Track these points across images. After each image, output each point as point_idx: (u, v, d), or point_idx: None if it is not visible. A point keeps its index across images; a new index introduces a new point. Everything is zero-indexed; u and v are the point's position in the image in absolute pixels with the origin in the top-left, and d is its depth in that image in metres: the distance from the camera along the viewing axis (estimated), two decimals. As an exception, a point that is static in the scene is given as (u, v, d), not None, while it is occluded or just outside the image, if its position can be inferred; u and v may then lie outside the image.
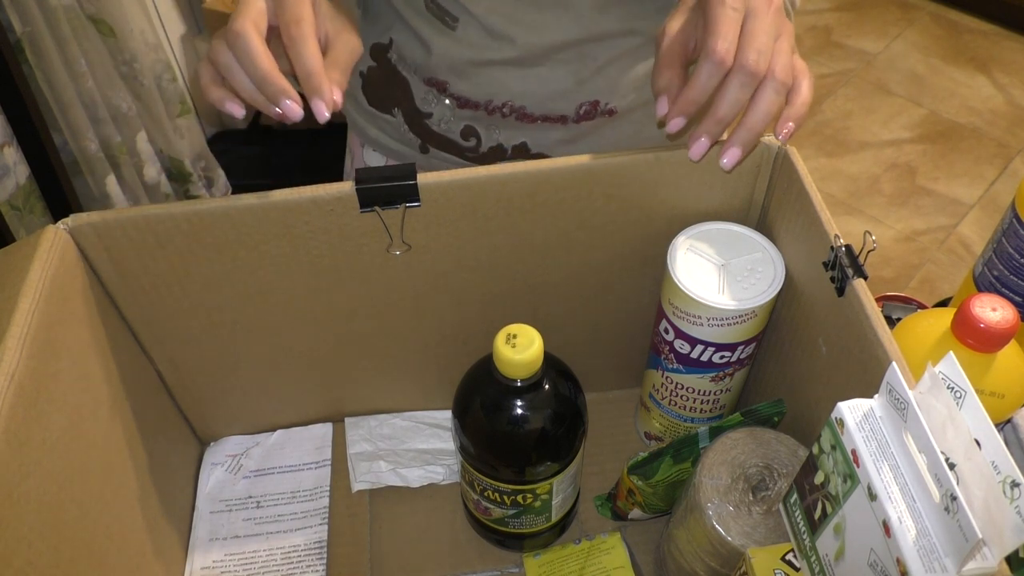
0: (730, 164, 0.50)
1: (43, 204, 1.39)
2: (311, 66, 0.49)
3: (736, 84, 0.47)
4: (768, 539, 0.50)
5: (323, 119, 0.49)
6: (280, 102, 0.49)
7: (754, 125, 0.49)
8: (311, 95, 0.49)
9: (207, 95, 0.51)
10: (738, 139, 0.49)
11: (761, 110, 0.48)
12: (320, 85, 0.49)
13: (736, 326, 0.54)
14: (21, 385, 0.45)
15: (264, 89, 0.49)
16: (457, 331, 0.64)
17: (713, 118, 0.48)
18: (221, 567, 0.65)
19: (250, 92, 0.49)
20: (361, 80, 0.76)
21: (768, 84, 0.48)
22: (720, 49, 0.46)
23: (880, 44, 2.28)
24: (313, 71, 0.49)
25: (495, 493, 0.58)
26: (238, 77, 0.49)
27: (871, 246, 0.47)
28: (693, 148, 0.50)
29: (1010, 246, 0.64)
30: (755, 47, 0.47)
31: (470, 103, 0.70)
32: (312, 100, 0.49)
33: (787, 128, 0.50)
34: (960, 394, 0.38)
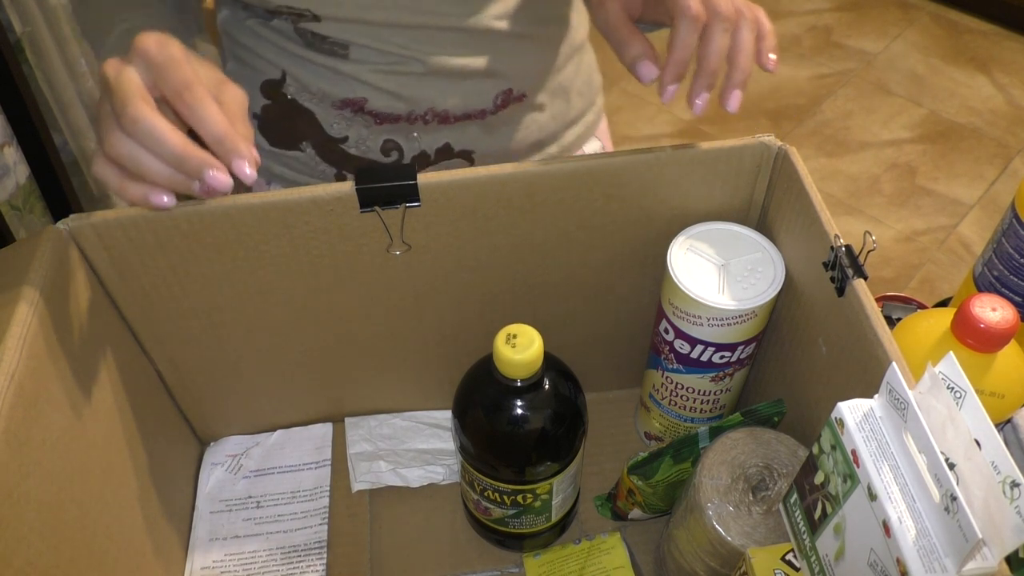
0: (737, 106, 0.51)
1: (43, 204, 1.39)
2: (219, 128, 0.45)
3: (717, 32, 0.49)
4: (768, 539, 0.50)
5: (251, 179, 0.46)
6: (205, 176, 0.45)
7: (744, 64, 0.51)
8: (229, 158, 0.45)
9: (125, 195, 0.46)
10: (736, 81, 0.51)
11: (746, 49, 0.50)
12: (236, 144, 0.45)
13: (736, 326, 0.54)
14: (21, 385, 0.45)
15: (185, 167, 0.44)
16: (457, 331, 0.64)
17: (706, 71, 0.50)
18: (221, 567, 0.65)
19: (167, 176, 0.45)
20: (257, 121, 0.73)
21: (742, 24, 0.50)
22: (692, 6, 0.48)
23: (880, 44, 2.28)
24: (224, 133, 0.45)
25: (495, 493, 0.58)
26: (149, 165, 0.45)
27: (871, 246, 0.47)
28: (696, 105, 0.51)
29: (1010, 246, 0.64)
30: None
31: (390, 117, 0.69)
32: (233, 163, 0.45)
33: (772, 59, 0.53)
34: (960, 394, 0.38)
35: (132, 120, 0.44)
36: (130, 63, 0.46)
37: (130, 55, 0.46)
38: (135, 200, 0.47)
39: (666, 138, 2.02)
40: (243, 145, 0.45)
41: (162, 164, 0.45)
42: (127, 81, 0.45)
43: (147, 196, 0.46)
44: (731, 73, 0.51)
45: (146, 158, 0.44)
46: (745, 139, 0.55)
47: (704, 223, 0.57)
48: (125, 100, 0.44)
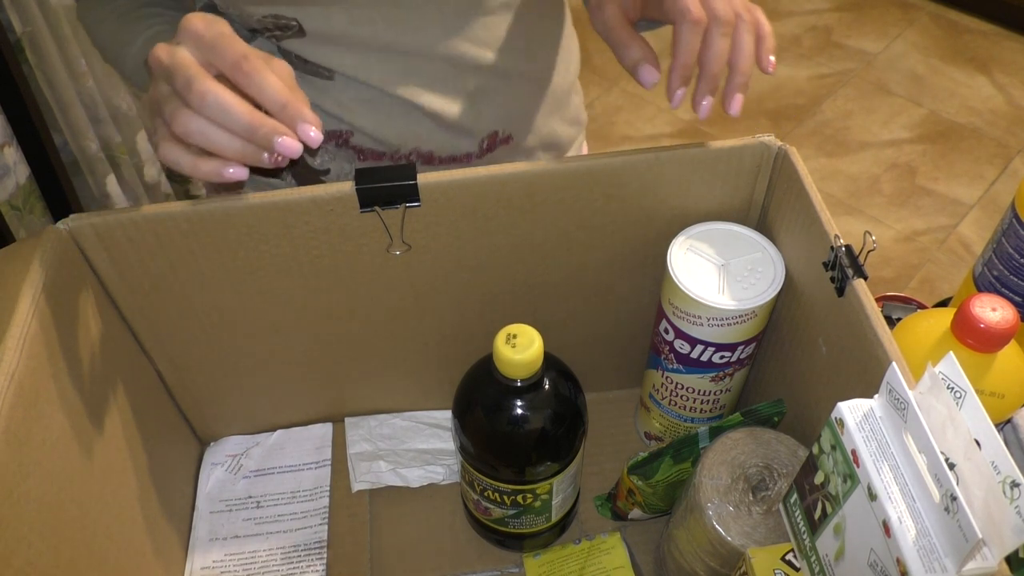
0: (738, 109, 0.51)
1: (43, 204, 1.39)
2: (281, 95, 0.46)
3: (716, 36, 0.49)
4: (768, 539, 0.50)
5: (317, 142, 0.46)
6: (275, 143, 0.45)
7: (744, 67, 0.51)
8: (294, 122, 0.46)
9: (198, 173, 0.47)
10: (736, 85, 0.51)
11: (745, 52, 0.51)
12: (300, 109, 0.46)
13: (736, 326, 0.54)
14: (21, 385, 0.45)
15: (255, 136, 0.45)
16: (457, 331, 0.64)
17: (708, 75, 0.50)
18: (221, 567, 0.65)
19: (238, 148, 0.46)
20: None
21: (741, 27, 0.50)
22: (692, 9, 0.48)
23: (880, 44, 2.28)
24: (286, 98, 0.46)
25: (495, 493, 0.58)
26: (219, 139, 0.45)
27: (871, 246, 0.47)
28: (702, 111, 0.51)
29: (1010, 246, 0.64)
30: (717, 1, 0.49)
31: (374, 153, 0.69)
32: (299, 127, 0.46)
33: (771, 61, 0.53)
34: (960, 394, 0.38)
35: (201, 95, 0.44)
36: (180, 44, 0.47)
37: (179, 36, 0.47)
38: (210, 176, 0.47)
39: (666, 138, 2.02)
40: (306, 109, 0.46)
41: (232, 137, 0.45)
42: (185, 60, 0.46)
43: (221, 171, 0.47)
44: (732, 76, 0.51)
45: (216, 132, 0.45)
46: (745, 139, 0.55)
47: (704, 223, 0.58)
48: (190, 78, 0.45)
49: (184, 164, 0.47)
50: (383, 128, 0.67)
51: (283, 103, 0.46)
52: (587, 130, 0.87)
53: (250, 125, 0.45)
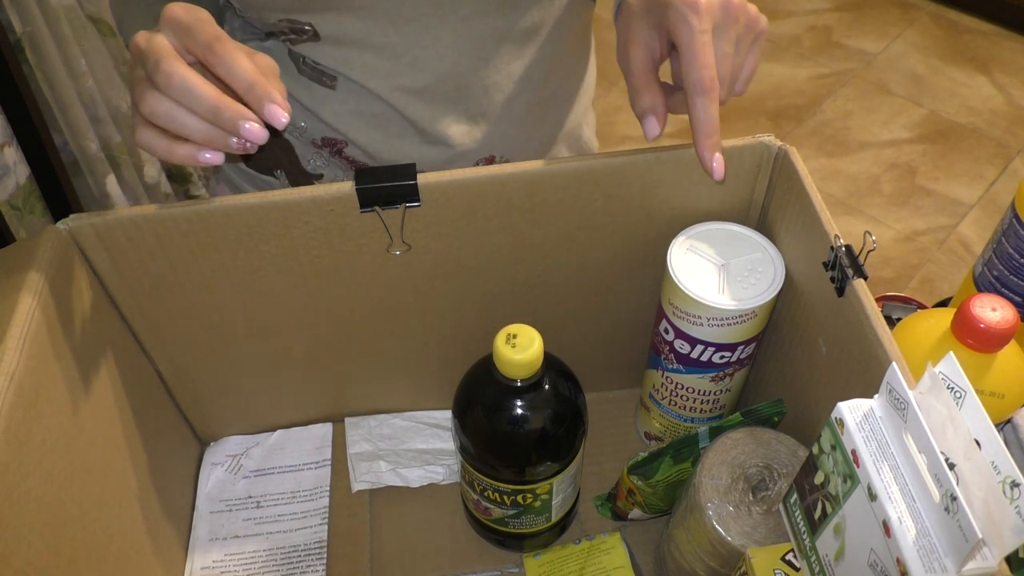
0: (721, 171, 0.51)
1: (43, 204, 1.39)
2: (250, 75, 0.45)
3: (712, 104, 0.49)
4: (768, 539, 0.50)
5: (283, 123, 0.46)
6: (240, 127, 0.45)
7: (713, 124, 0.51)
8: (261, 103, 0.45)
9: (172, 157, 0.47)
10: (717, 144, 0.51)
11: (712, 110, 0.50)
12: (267, 89, 0.45)
13: (736, 326, 0.54)
14: (21, 385, 0.45)
15: (220, 119, 0.45)
16: (457, 331, 0.64)
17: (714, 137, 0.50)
18: (221, 567, 0.65)
19: (205, 132, 0.45)
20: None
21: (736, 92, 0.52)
22: (706, 79, 0.48)
23: (880, 44, 2.28)
24: (255, 79, 0.45)
25: (495, 493, 0.58)
26: (186, 121, 0.45)
27: (871, 246, 0.47)
28: (716, 171, 0.50)
29: (1010, 246, 0.64)
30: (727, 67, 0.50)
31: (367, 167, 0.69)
32: (265, 108, 0.45)
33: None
34: (960, 394, 0.38)
35: (166, 76, 0.44)
36: (159, 31, 0.47)
37: (160, 24, 0.47)
38: (183, 160, 0.47)
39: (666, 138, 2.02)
40: (274, 91, 0.46)
41: (199, 120, 0.45)
42: (158, 44, 0.46)
43: (195, 155, 0.47)
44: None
45: (183, 115, 0.45)
46: (745, 139, 0.55)
47: (704, 223, 0.58)
48: (158, 59, 0.45)
49: (158, 148, 0.47)
50: (377, 144, 0.67)
51: (250, 83, 0.45)
52: (588, 130, 0.87)
53: (215, 107, 0.45)
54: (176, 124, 0.46)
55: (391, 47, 0.62)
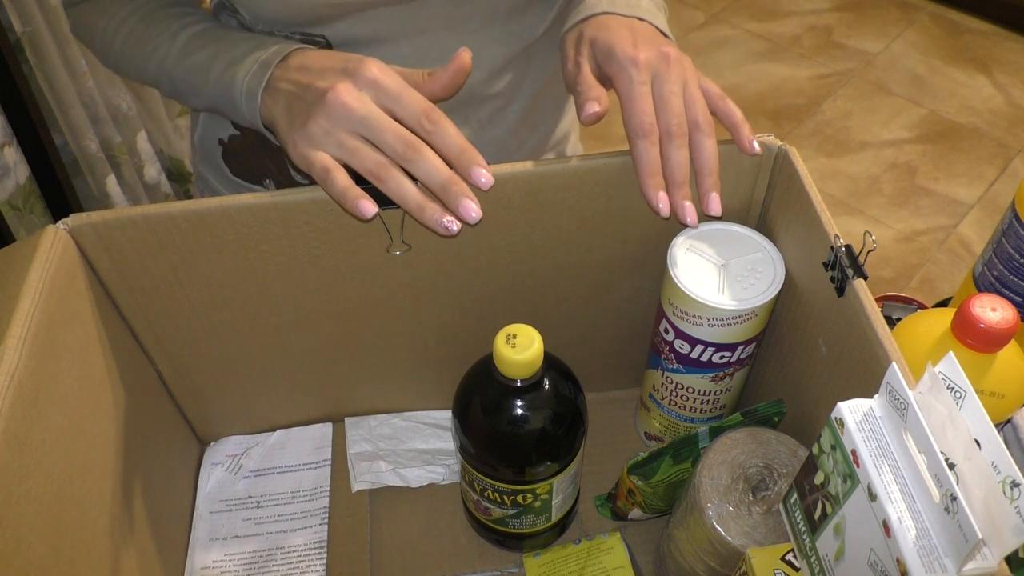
0: (718, 209, 0.53)
1: (43, 204, 1.39)
2: (461, 143, 0.49)
3: (673, 150, 0.52)
4: (768, 539, 0.50)
5: (488, 185, 0.50)
6: (462, 205, 0.48)
7: (710, 169, 0.53)
8: (469, 167, 0.49)
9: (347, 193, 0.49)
10: (709, 186, 0.53)
11: (707, 157, 0.52)
12: (475, 156, 0.49)
13: (736, 326, 0.54)
14: (21, 385, 0.45)
15: (447, 193, 0.48)
16: (457, 331, 0.64)
17: (675, 184, 0.52)
18: (221, 567, 0.65)
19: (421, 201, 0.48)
20: (222, 148, 0.73)
21: (698, 135, 0.52)
22: (645, 124, 0.51)
23: (880, 44, 2.28)
24: (464, 146, 0.49)
25: (495, 493, 0.58)
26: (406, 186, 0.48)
27: (871, 246, 0.47)
28: (687, 218, 0.53)
29: (1010, 246, 0.64)
30: (673, 112, 0.52)
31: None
32: (473, 172, 0.49)
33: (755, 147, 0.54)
34: (960, 394, 0.38)
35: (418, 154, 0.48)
36: (363, 90, 0.50)
37: (359, 82, 0.50)
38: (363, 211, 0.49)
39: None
40: (479, 156, 0.50)
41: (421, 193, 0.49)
42: (388, 120, 0.49)
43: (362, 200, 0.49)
44: (700, 180, 0.53)
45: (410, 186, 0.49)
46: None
47: (704, 223, 0.57)
48: (407, 140, 0.48)
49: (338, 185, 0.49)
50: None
51: (462, 149, 0.49)
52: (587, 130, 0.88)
53: (447, 182, 0.48)
54: (400, 193, 0.49)
55: (401, 58, 0.62)
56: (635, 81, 0.52)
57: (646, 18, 0.58)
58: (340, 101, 0.49)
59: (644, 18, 0.58)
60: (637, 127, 0.52)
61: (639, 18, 0.58)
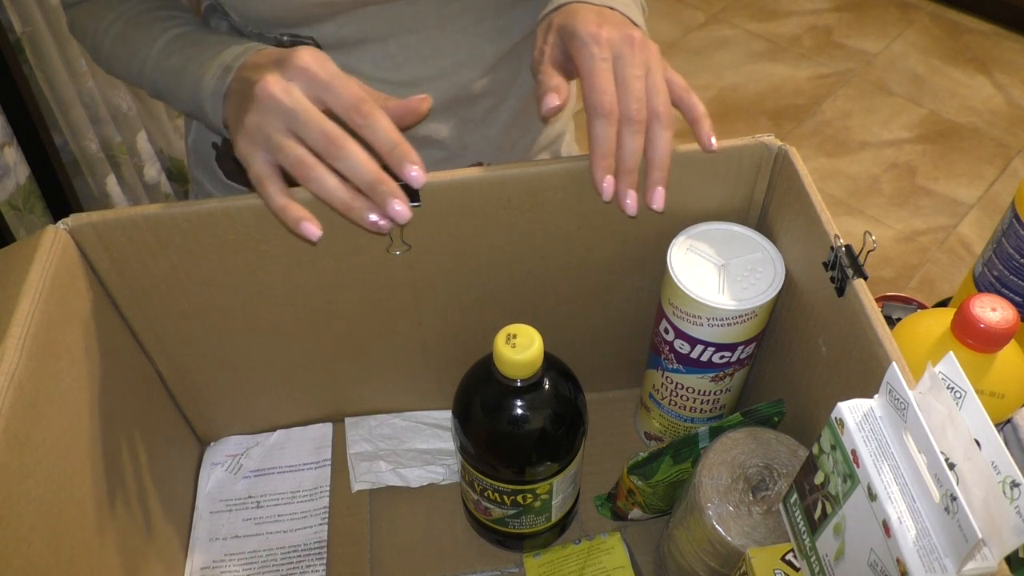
0: (660, 204, 0.52)
1: (43, 204, 1.39)
2: (393, 137, 0.47)
3: (627, 135, 0.50)
4: (768, 539, 0.50)
5: (420, 183, 0.48)
6: (389, 205, 0.47)
7: (662, 163, 0.51)
8: (401, 163, 0.47)
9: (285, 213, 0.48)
10: (657, 179, 0.51)
11: (660, 150, 0.51)
12: (408, 151, 0.47)
13: (736, 326, 0.54)
14: (21, 385, 0.45)
15: (375, 192, 0.47)
16: (457, 331, 0.64)
17: (623, 171, 0.50)
18: (221, 567, 0.65)
19: (348, 199, 0.47)
20: (215, 152, 0.73)
21: (655, 125, 0.50)
22: (605, 104, 0.49)
23: (880, 44, 2.28)
24: (397, 140, 0.47)
25: (495, 493, 0.58)
26: (330, 184, 0.46)
27: (871, 246, 0.47)
28: (626, 205, 0.51)
29: (1010, 246, 0.64)
30: (633, 96, 0.50)
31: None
32: (404, 168, 0.47)
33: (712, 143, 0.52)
34: (960, 394, 0.38)
35: (339, 149, 0.46)
36: (292, 80, 0.48)
37: (287, 72, 0.48)
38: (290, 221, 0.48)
39: (666, 138, 2.02)
40: (413, 152, 0.48)
41: (348, 190, 0.47)
42: (312, 110, 0.47)
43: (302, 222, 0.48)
44: (649, 171, 0.52)
45: (335, 183, 0.47)
46: (745, 139, 0.55)
47: (704, 223, 0.57)
48: (327, 132, 0.46)
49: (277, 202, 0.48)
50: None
51: (394, 144, 0.47)
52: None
53: (374, 181, 0.47)
54: (325, 191, 0.47)
55: (391, 57, 0.62)
56: (596, 57, 0.50)
57: (617, 7, 0.56)
58: (267, 92, 0.47)
59: (615, 7, 0.56)
60: (597, 105, 0.50)
61: (610, 7, 0.56)
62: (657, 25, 2.33)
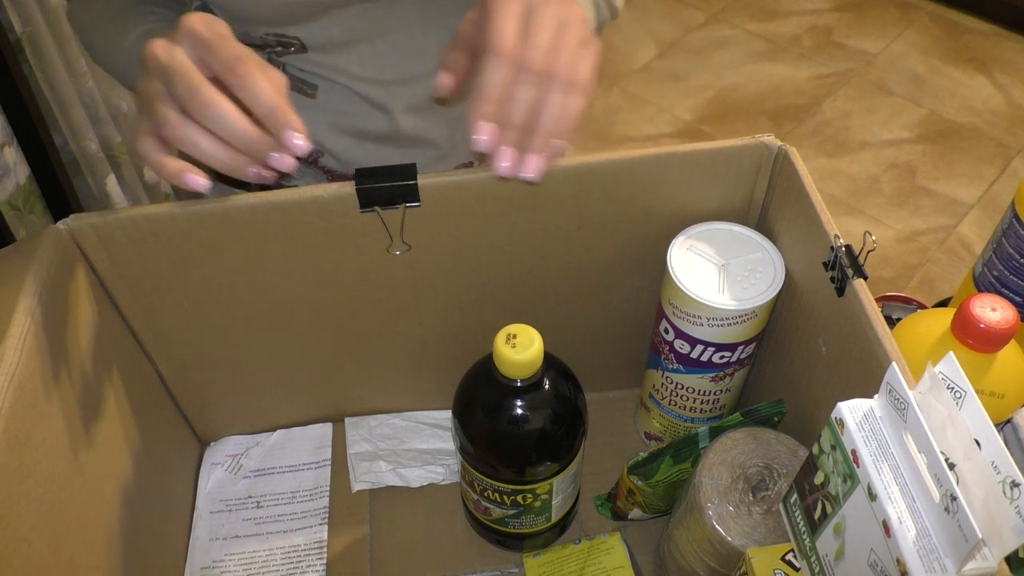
0: (533, 173, 0.46)
1: (43, 204, 1.39)
2: (272, 100, 0.45)
3: (521, 84, 0.44)
4: (768, 539, 0.50)
5: (305, 150, 0.45)
6: (267, 157, 0.44)
7: (544, 128, 0.45)
8: (280, 128, 0.45)
9: (162, 171, 0.46)
10: (537, 145, 0.46)
11: (551, 112, 0.45)
12: (288, 115, 0.45)
13: (736, 326, 0.54)
14: (21, 385, 0.45)
15: (252, 148, 0.44)
16: (457, 331, 0.64)
17: (508, 123, 0.45)
18: (221, 567, 0.65)
19: (227, 160, 0.45)
20: None
21: (553, 84, 0.45)
22: (498, 43, 0.44)
23: (880, 44, 2.28)
24: (276, 104, 0.45)
25: (495, 493, 0.58)
26: (208, 147, 0.44)
27: (871, 246, 0.47)
28: (499, 165, 0.45)
29: (1010, 246, 0.64)
30: (535, 43, 0.45)
31: (342, 176, 0.68)
32: (285, 135, 0.45)
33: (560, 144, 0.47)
34: (960, 394, 0.38)
35: (203, 105, 0.44)
36: (178, 43, 0.46)
37: (177, 35, 0.46)
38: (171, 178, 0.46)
39: (666, 138, 2.02)
40: (294, 118, 0.45)
41: (220, 146, 0.45)
42: (184, 65, 0.44)
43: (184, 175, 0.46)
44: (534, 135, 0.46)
45: (207, 141, 0.44)
46: (745, 139, 0.55)
47: (704, 223, 0.57)
48: (193, 86, 0.44)
49: (152, 160, 0.46)
50: (354, 151, 0.67)
51: (272, 108, 0.45)
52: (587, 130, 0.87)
53: (250, 138, 0.44)
54: (198, 149, 0.45)
55: (378, 56, 0.62)
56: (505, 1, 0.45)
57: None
58: (151, 55, 0.45)
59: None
60: (493, 43, 0.44)
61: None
62: (657, 25, 2.33)
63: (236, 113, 0.44)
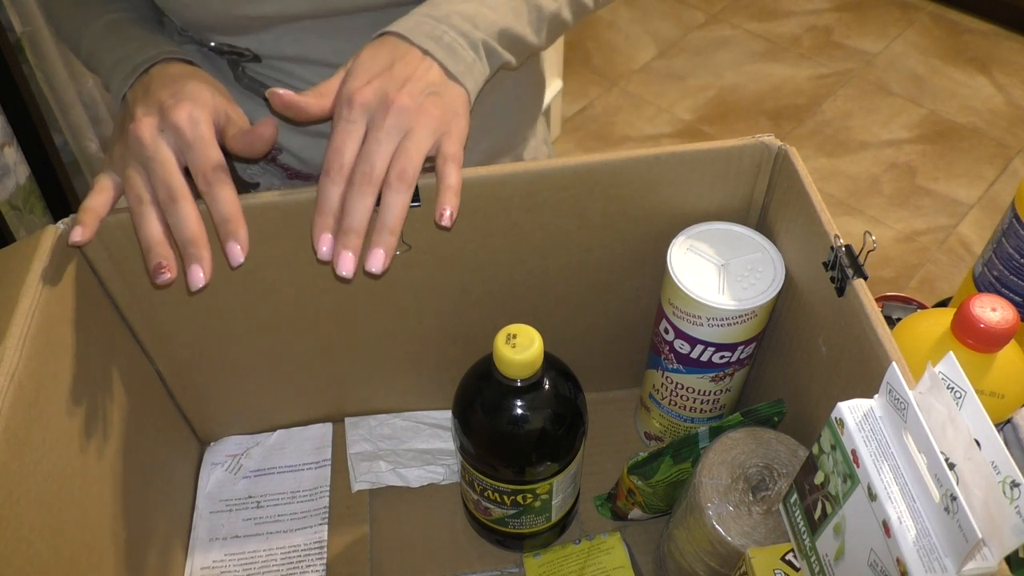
0: (376, 268, 0.49)
1: (43, 204, 1.39)
2: (229, 212, 0.49)
3: (352, 196, 0.49)
4: (768, 539, 0.50)
5: (237, 263, 0.49)
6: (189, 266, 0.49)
7: (388, 227, 0.49)
8: (227, 240, 0.49)
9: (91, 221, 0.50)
10: (379, 241, 0.49)
11: (388, 215, 0.49)
12: (237, 230, 0.49)
13: (736, 326, 0.54)
14: (21, 385, 0.45)
15: (188, 250, 0.49)
16: (457, 331, 0.64)
17: (343, 232, 0.49)
18: (221, 567, 0.65)
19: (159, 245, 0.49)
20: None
21: (387, 192, 0.49)
22: (332, 163, 0.49)
23: (880, 44, 2.28)
24: (232, 215, 0.49)
25: (495, 493, 0.58)
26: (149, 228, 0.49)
27: (871, 246, 0.47)
28: (339, 266, 0.49)
29: (1010, 246, 0.64)
30: (364, 159, 0.49)
31: (301, 174, 0.69)
32: (228, 245, 0.49)
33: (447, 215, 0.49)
34: (960, 394, 0.38)
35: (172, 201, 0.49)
36: (162, 132, 0.51)
37: (163, 122, 0.51)
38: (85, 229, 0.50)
39: (666, 138, 2.02)
40: (242, 231, 0.50)
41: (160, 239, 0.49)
42: (168, 163, 0.50)
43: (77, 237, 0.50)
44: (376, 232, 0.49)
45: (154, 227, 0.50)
46: (745, 139, 0.55)
47: (704, 223, 0.58)
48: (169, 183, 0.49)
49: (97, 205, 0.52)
50: (311, 150, 0.67)
51: (226, 219, 0.49)
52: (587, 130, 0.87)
53: (191, 241, 0.49)
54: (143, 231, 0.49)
55: (328, 62, 0.62)
56: (343, 119, 0.50)
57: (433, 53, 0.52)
58: (136, 135, 0.50)
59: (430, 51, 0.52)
60: (325, 163, 0.50)
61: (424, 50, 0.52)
62: (657, 25, 2.33)
63: (194, 221, 0.49)
